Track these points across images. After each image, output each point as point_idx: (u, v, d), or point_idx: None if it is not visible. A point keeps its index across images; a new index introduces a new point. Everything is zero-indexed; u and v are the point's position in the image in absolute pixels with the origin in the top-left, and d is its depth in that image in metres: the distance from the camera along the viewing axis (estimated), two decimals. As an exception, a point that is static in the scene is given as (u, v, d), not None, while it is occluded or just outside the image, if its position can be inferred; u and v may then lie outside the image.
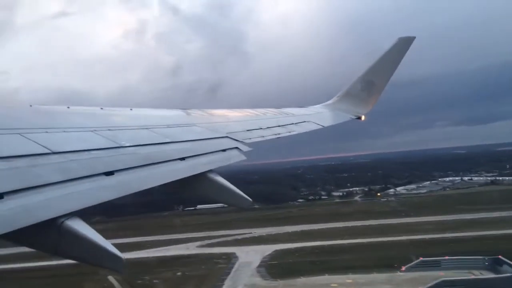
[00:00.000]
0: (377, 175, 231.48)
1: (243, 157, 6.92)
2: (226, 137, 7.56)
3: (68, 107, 6.39)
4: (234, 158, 6.74)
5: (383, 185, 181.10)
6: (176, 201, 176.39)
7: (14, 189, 3.34)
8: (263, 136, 8.66)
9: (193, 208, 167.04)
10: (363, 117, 15.55)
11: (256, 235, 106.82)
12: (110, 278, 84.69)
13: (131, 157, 5.05)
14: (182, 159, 5.66)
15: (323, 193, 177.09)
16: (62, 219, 3.38)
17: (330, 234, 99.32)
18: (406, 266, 71.23)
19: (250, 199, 5.63)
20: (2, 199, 3.20)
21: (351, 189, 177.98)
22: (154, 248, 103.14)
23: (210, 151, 6.47)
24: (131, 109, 7.57)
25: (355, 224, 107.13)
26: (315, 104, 16.08)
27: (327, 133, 12.65)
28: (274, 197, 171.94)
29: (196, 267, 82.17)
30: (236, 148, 7.15)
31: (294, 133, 10.29)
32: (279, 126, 10.14)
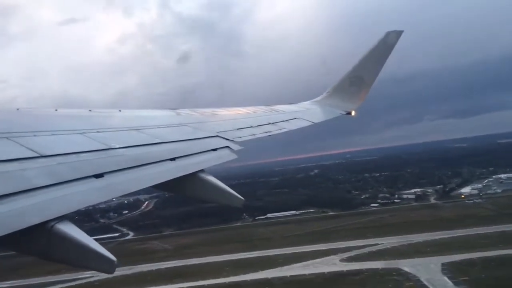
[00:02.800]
0: (413, 173, 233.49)
1: (234, 156, 6.98)
2: (217, 136, 7.68)
3: (56, 110, 6.45)
4: (225, 157, 6.81)
5: (443, 185, 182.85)
6: (241, 210, 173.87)
7: (3, 193, 3.34)
8: (254, 134, 8.81)
9: (264, 217, 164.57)
10: (353, 113, 15.78)
11: (389, 246, 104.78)
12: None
13: (121, 158, 5.06)
14: (173, 159, 5.70)
15: (387, 195, 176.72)
16: (52, 223, 3.40)
17: (476, 242, 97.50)
18: None
19: (242, 198, 5.64)
20: None
21: (412, 191, 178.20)
22: (293, 263, 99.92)
23: (201, 150, 6.56)
24: (120, 111, 7.65)
25: (489, 231, 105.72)
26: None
27: (316, 130, 12.98)
28: (340, 202, 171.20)
29: (383, 286, 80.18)
30: (227, 147, 7.22)
31: (285, 130, 10.40)
32: (269, 123, 10.29)
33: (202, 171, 5.79)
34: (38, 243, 3.40)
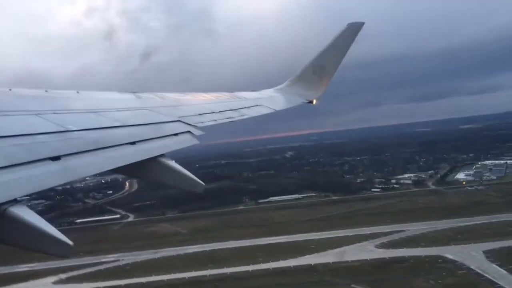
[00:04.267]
0: (395, 157, 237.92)
1: (196, 141, 7.20)
2: (179, 121, 7.81)
3: (10, 89, 6.27)
4: (187, 142, 6.99)
5: (433, 171, 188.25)
6: (240, 193, 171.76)
7: None
8: (215, 120, 9.13)
9: (266, 200, 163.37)
10: (314, 101, 16.42)
11: (417, 233, 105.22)
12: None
13: (79, 141, 5.06)
14: (133, 143, 5.75)
15: (383, 180, 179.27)
16: (6, 206, 3.38)
17: (503, 230, 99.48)
18: None
19: (203, 183, 5.81)
20: None
21: (406, 175, 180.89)
22: (328, 249, 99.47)
23: (162, 135, 6.62)
24: (78, 92, 7.51)
25: (510, 219, 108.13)
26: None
27: (276, 113, 13.47)
28: (338, 186, 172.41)
29: (438, 275, 79.72)
30: (189, 132, 7.39)
31: (247, 117, 10.81)
32: (231, 110, 10.58)
33: (163, 155, 5.76)
34: None
